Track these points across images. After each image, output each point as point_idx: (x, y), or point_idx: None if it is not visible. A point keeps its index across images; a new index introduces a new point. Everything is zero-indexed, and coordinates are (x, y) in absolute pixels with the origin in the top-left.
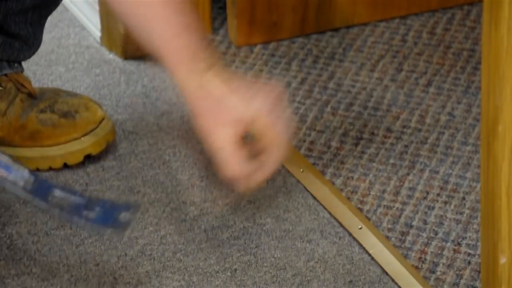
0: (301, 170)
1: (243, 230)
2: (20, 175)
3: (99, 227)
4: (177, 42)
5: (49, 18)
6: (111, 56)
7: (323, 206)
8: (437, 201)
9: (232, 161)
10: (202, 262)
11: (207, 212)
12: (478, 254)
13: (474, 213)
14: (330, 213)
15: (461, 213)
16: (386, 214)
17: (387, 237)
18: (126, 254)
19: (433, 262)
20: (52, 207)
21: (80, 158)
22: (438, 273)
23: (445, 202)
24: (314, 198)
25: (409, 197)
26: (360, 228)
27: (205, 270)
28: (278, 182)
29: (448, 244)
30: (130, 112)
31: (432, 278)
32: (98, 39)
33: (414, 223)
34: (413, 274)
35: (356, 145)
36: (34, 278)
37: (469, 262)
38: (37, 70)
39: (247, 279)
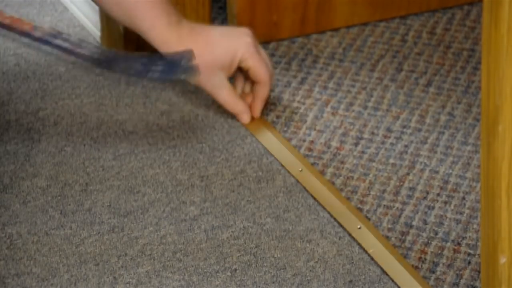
0: (300, 169)
1: (243, 230)
2: (91, 50)
3: (169, 79)
4: (150, 3)
5: (49, 18)
6: None
7: (323, 206)
8: (437, 201)
9: (232, 100)
10: (202, 262)
11: (207, 212)
12: (478, 254)
13: (474, 213)
14: (330, 213)
15: (461, 213)
16: (386, 214)
17: (387, 237)
18: (126, 254)
19: (433, 262)
20: (119, 74)
21: None
22: (438, 273)
23: (445, 202)
24: (314, 198)
25: (409, 197)
26: (360, 228)
27: (205, 270)
28: (278, 182)
29: (448, 244)
30: (130, 112)
31: (432, 278)
32: (98, 39)
33: (414, 223)
34: (413, 274)
35: (356, 145)
36: (34, 278)
37: (469, 262)
38: (37, 70)
39: (247, 279)
